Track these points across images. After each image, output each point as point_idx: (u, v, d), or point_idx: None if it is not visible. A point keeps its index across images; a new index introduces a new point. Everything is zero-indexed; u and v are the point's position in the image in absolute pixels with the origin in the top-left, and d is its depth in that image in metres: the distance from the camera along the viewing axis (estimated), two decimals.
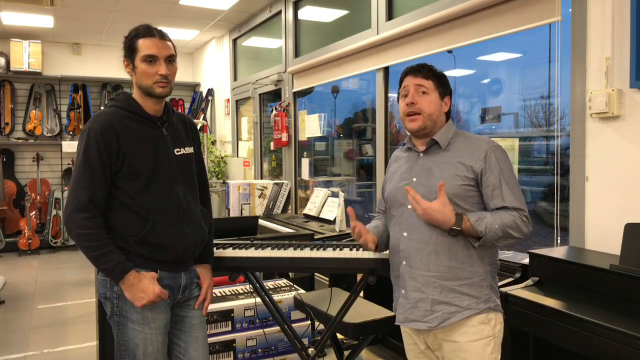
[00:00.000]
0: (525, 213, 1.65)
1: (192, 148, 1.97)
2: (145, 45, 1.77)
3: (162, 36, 1.82)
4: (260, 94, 6.25)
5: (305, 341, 3.03)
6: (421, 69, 1.77)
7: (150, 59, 1.77)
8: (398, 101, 1.83)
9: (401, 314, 1.77)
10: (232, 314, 2.90)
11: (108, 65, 7.67)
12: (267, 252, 2.16)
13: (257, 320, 2.96)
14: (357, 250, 2.15)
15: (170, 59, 1.82)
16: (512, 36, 2.90)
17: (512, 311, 2.06)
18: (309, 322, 3.09)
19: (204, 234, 1.94)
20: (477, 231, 1.61)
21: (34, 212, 7.11)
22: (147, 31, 1.80)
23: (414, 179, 1.77)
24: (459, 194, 1.67)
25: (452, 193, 1.66)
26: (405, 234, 1.75)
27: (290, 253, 2.16)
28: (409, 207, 1.73)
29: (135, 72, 1.80)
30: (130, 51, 1.80)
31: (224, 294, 3.08)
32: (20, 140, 7.26)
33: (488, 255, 1.71)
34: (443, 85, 1.78)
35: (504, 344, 1.77)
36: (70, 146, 7.09)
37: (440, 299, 1.67)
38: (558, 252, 2.29)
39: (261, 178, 6.51)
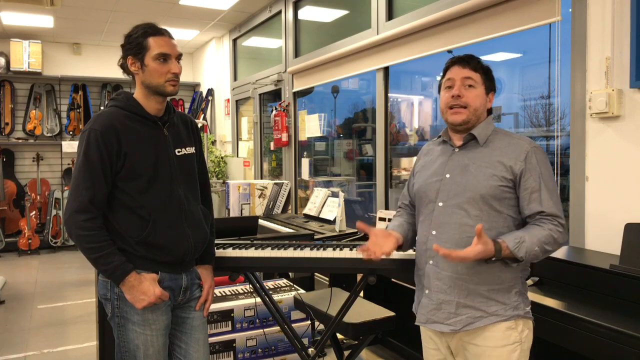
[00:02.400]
0: (562, 221, 1.58)
1: (194, 148, 1.96)
2: (158, 44, 1.77)
3: (171, 35, 1.83)
4: (260, 94, 6.25)
5: (305, 341, 3.03)
6: (470, 60, 1.67)
7: (164, 58, 1.77)
8: (439, 92, 1.73)
9: (423, 314, 1.70)
10: (232, 314, 2.90)
11: (108, 65, 7.67)
12: (267, 252, 2.16)
13: (257, 320, 2.96)
14: (357, 250, 2.15)
15: (179, 58, 1.84)
16: (512, 36, 2.90)
17: None
18: (309, 322, 3.09)
19: (205, 235, 1.93)
20: (518, 257, 1.53)
21: (34, 212, 7.11)
22: (157, 30, 1.80)
23: (447, 175, 1.68)
24: (496, 195, 1.59)
25: (488, 194, 1.59)
26: (434, 232, 1.67)
27: (290, 253, 2.16)
28: (440, 204, 1.66)
29: (144, 70, 1.78)
30: (138, 49, 1.77)
31: (224, 294, 3.08)
32: (20, 140, 7.26)
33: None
34: (490, 80, 1.70)
35: None
36: (70, 146, 7.10)
37: (466, 303, 1.60)
38: (558, 252, 2.29)
39: (261, 178, 6.51)
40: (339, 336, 3.03)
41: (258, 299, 2.89)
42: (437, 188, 1.68)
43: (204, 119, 7.33)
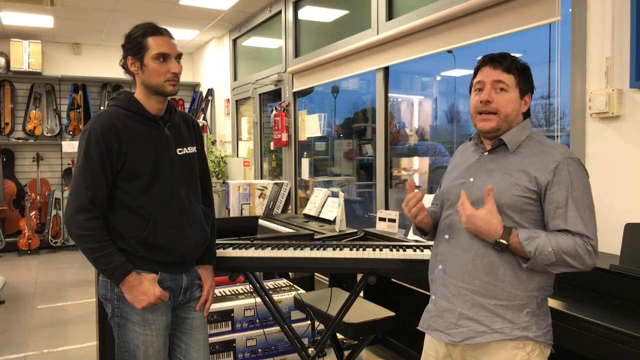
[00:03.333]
0: (592, 242, 1.41)
1: (195, 148, 1.96)
2: (157, 44, 1.77)
3: (170, 35, 1.83)
4: (260, 94, 6.25)
5: (305, 341, 3.03)
6: (502, 60, 1.53)
7: (163, 57, 1.77)
8: (470, 92, 1.61)
9: (426, 320, 1.64)
10: (232, 314, 2.90)
11: (108, 65, 7.67)
12: (267, 252, 2.15)
13: (257, 320, 2.96)
14: (357, 250, 2.15)
15: (179, 58, 1.84)
16: (512, 36, 2.90)
17: None
18: (309, 322, 3.09)
19: (205, 235, 1.93)
20: (526, 251, 1.41)
21: (34, 212, 7.11)
22: (156, 30, 1.80)
23: (471, 179, 1.59)
24: (515, 206, 1.47)
25: (506, 204, 1.47)
26: (446, 236, 1.61)
27: (290, 253, 2.16)
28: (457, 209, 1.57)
29: (144, 70, 1.78)
30: (138, 49, 1.78)
31: (224, 294, 3.08)
32: (20, 140, 7.26)
33: (537, 279, 1.49)
34: (526, 81, 1.56)
35: None
36: (70, 146, 7.10)
37: (468, 315, 1.50)
38: None
39: (261, 178, 6.51)
40: (339, 336, 3.03)
41: (258, 299, 2.89)
42: (459, 192, 1.57)
43: (204, 119, 7.33)
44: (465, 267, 1.53)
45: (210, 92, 7.54)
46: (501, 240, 1.43)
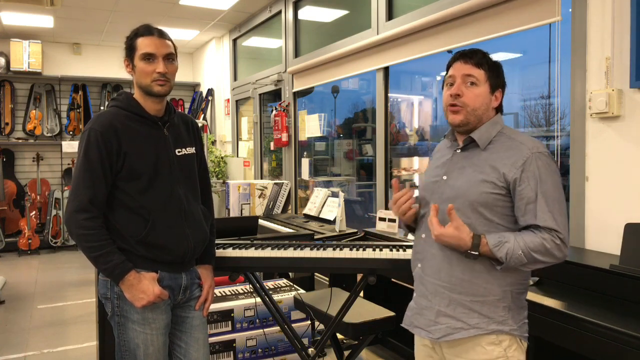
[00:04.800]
0: (560, 235, 1.43)
1: (194, 148, 1.96)
2: (143, 44, 1.78)
3: (161, 35, 1.82)
4: (260, 94, 6.25)
5: (305, 341, 3.03)
6: (473, 55, 1.56)
7: (149, 57, 1.77)
8: (442, 89, 1.65)
9: (408, 317, 1.69)
10: (232, 314, 2.90)
11: (108, 65, 7.67)
12: (267, 252, 2.16)
13: (257, 320, 2.96)
14: (357, 250, 2.15)
15: (170, 58, 1.82)
16: (512, 36, 2.90)
17: None
18: (309, 322, 3.09)
19: (204, 235, 1.94)
20: (497, 257, 1.44)
21: (34, 212, 7.11)
22: (146, 30, 1.80)
23: (444, 177, 1.61)
24: (486, 203, 1.49)
25: (477, 200, 1.49)
26: (423, 235, 1.64)
27: (290, 253, 2.16)
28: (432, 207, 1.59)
29: (135, 71, 1.80)
30: (130, 50, 1.81)
31: (224, 294, 3.08)
32: (20, 140, 7.26)
33: (512, 275, 1.52)
34: (496, 77, 1.58)
35: None
36: (70, 146, 7.10)
37: (446, 312, 1.54)
38: None
39: (261, 178, 6.51)
40: (339, 336, 3.03)
41: (258, 299, 2.89)
42: (432, 190, 1.62)
43: (204, 119, 7.33)
44: (442, 265, 1.55)
45: (210, 92, 7.54)
46: (471, 252, 1.47)
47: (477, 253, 1.46)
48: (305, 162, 5.23)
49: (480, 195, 1.49)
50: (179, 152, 1.88)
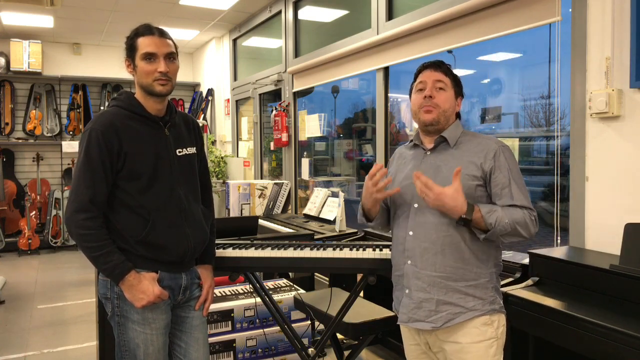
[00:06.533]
0: (534, 213, 1.65)
1: (195, 148, 1.96)
2: (144, 44, 1.77)
3: (162, 34, 1.82)
4: (260, 94, 6.25)
5: (305, 341, 3.03)
6: (441, 65, 1.78)
7: (149, 57, 1.77)
8: (410, 96, 1.82)
9: (404, 313, 1.75)
10: (232, 314, 2.90)
11: (108, 65, 7.67)
12: (267, 252, 2.16)
13: (257, 320, 2.96)
14: (357, 250, 2.15)
15: (170, 57, 1.82)
16: (512, 36, 2.90)
17: (512, 311, 2.06)
18: (309, 322, 3.09)
19: (205, 235, 1.94)
20: (487, 223, 1.60)
21: (34, 212, 7.11)
22: (147, 29, 1.80)
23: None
24: (469, 194, 1.65)
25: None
26: (411, 233, 1.73)
27: (290, 253, 2.16)
28: (415, 205, 1.72)
29: (136, 70, 1.80)
30: (130, 50, 1.80)
31: (224, 294, 3.08)
32: (20, 140, 7.26)
33: (493, 257, 1.72)
34: (458, 86, 1.80)
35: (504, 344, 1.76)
36: (70, 146, 7.09)
37: (445, 300, 1.66)
38: (558, 252, 2.29)
39: (261, 178, 6.51)
40: (339, 336, 3.03)
41: (258, 299, 2.89)
42: (412, 190, 1.72)
43: (204, 119, 7.33)
44: (436, 257, 1.68)
45: (210, 92, 7.54)
46: (465, 216, 1.60)
47: (469, 218, 1.60)
48: (305, 162, 5.23)
49: (465, 188, 1.63)
50: (179, 152, 1.88)
